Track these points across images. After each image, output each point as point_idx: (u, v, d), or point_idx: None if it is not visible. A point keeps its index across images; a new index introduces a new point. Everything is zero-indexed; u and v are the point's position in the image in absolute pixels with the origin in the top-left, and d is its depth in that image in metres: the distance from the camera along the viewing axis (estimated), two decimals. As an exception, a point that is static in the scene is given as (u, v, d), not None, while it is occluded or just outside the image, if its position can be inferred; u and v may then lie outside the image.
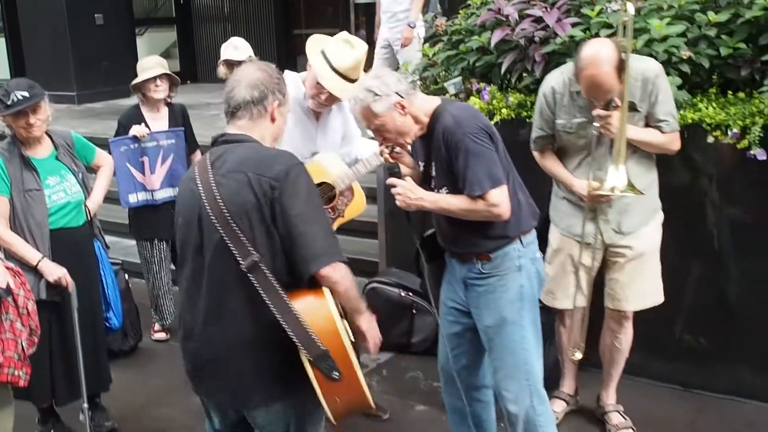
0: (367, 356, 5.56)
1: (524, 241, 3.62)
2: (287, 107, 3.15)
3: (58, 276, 4.33)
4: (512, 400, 3.69)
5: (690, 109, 4.52)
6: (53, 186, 4.43)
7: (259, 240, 2.86)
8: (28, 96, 4.32)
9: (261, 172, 2.86)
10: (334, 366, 2.80)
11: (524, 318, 3.63)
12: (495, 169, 3.41)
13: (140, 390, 5.34)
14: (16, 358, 3.97)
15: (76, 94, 12.52)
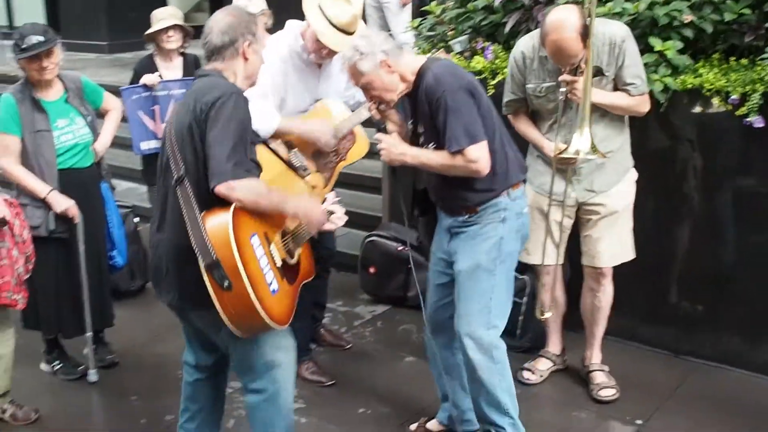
0: (363, 307, 5.75)
1: (511, 194, 3.72)
2: (261, 45, 3.42)
3: (65, 207, 4.50)
4: (471, 347, 3.74)
5: (690, 74, 4.55)
6: (62, 128, 4.58)
7: (189, 158, 3.22)
8: (43, 40, 4.45)
9: (199, 98, 3.20)
10: (225, 275, 3.07)
11: (497, 269, 3.71)
12: (473, 126, 3.50)
13: (142, 327, 5.54)
14: (14, 282, 4.21)
15: (107, 44, 12.68)
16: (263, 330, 3.31)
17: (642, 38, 4.53)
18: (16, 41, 4.45)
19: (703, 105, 4.55)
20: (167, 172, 3.30)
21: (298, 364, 4.69)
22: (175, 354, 4.87)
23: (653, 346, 5.05)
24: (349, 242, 6.35)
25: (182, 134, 3.23)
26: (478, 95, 3.57)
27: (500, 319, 3.79)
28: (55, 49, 4.54)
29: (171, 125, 3.31)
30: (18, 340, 5.11)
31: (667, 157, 4.74)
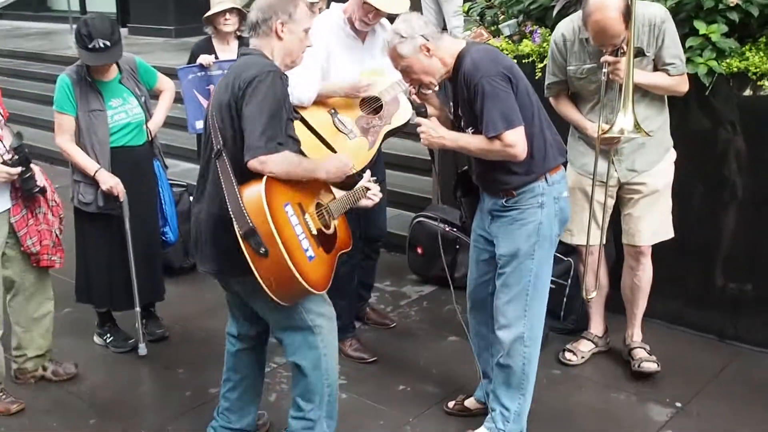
0: (410, 287, 5.83)
1: (549, 179, 3.76)
2: (299, 25, 3.54)
3: (111, 185, 4.65)
4: (505, 326, 3.85)
5: (737, 58, 4.52)
6: (116, 107, 4.73)
7: (227, 133, 3.39)
8: (110, 45, 4.56)
9: (238, 76, 3.37)
10: (261, 242, 3.23)
11: (536, 253, 3.77)
12: (510, 111, 3.54)
13: (193, 303, 5.70)
14: (51, 245, 4.49)
15: (174, 28, 12.95)
16: (302, 295, 3.44)
17: (687, 21, 4.53)
18: (83, 35, 4.55)
19: (749, 88, 4.52)
20: (208, 146, 3.48)
21: (342, 341, 4.83)
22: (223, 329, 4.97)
23: (699, 330, 5.03)
24: (399, 223, 6.44)
25: (221, 110, 3.39)
26: (515, 80, 3.61)
27: (538, 301, 3.86)
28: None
29: (212, 101, 3.49)
30: (72, 313, 5.38)
31: (711, 140, 4.71)
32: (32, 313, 4.60)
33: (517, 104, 3.58)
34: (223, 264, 3.50)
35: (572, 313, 5.07)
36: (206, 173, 3.52)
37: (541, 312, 3.91)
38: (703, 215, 4.87)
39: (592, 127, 4.28)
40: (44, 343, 4.71)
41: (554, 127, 3.86)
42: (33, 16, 16.17)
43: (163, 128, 5.22)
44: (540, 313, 3.90)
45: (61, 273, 5.49)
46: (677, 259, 4.91)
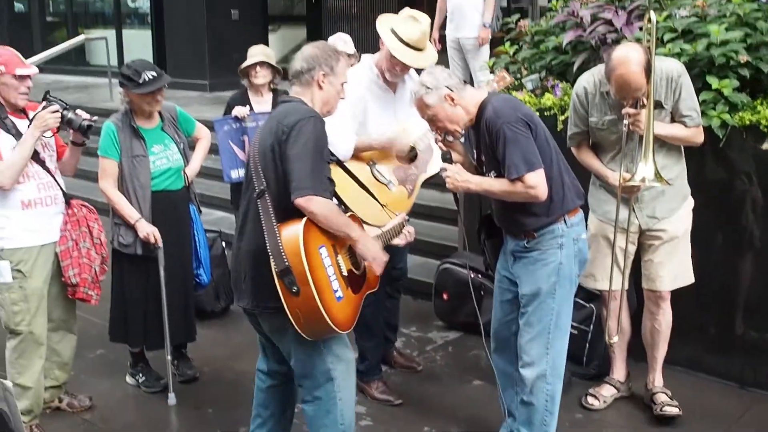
0: (436, 333, 5.96)
1: (568, 221, 3.94)
2: (338, 78, 3.76)
3: (147, 232, 4.84)
4: (529, 364, 4.01)
5: (749, 111, 4.69)
6: (157, 153, 4.95)
7: (270, 174, 3.56)
8: (157, 76, 4.84)
9: (281, 121, 3.57)
10: (294, 281, 3.40)
11: (557, 293, 3.95)
12: (530, 154, 3.74)
13: (224, 345, 5.85)
14: (90, 280, 4.68)
15: (208, 82, 13.29)
16: (327, 334, 3.59)
17: (700, 77, 4.73)
18: (130, 76, 4.80)
19: (761, 140, 4.68)
20: (250, 187, 3.65)
21: (368, 383, 4.98)
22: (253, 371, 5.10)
23: (719, 376, 5.12)
24: (425, 270, 6.58)
25: (264, 153, 3.57)
26: (534, 126, 3.81)
27: (560, 339, 4.02)
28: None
29: (255, 145, 3.66)
30: (105, 354, 5.57)
31: (727, 189, 4.88)
32: (54, 343, 4.76)
33: (536, 148, 3.77)
34: (257, 299, 3.65)
35: (595, 358, 5.18)
36: (248, 212, 3.67)
37: (563, 350, 4.05)
38: (722, 263, 5.00)
39: (612, 175, 4.44)
40: (62, 375, 4.87)
41: (572, 172, 4.05)
42: (72, 70, 16.59)
43: (198, 178, 5.43)
44: (562, 351, 4.04)
45: (95, 315, 5.72)
46: (698, 306, 5.04)
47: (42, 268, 4.53)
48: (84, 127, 4.52)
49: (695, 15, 4.99)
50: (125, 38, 16.31)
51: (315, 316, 3.45)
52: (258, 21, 14.11)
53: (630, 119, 4.23)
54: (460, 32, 8.74)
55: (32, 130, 4.36)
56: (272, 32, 14.96)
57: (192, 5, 13.49)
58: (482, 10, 8.50)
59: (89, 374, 5.40)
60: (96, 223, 4.73)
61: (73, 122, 4.51)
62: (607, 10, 5.35)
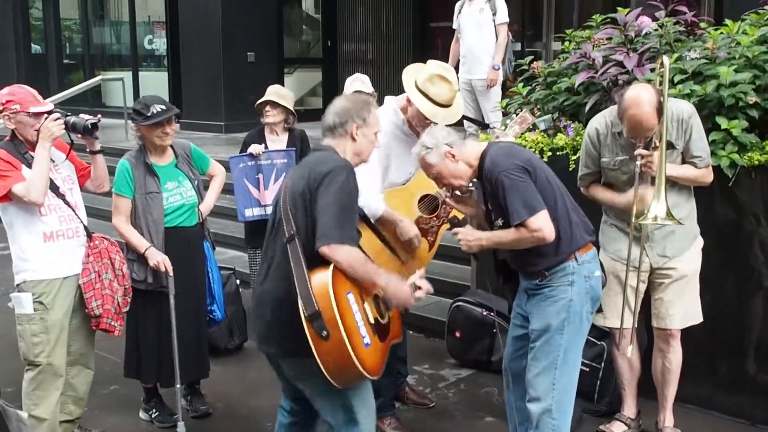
0: (448, 370, 5.99)
1: (579, 258, 4.00)
2: (371, 129, 3.86)
3: (157, 260, 4.89)
4: (535, 398, 4.04)
5: (757, 151, 4.75)
6: (171, 190, 5.02)
7: (300, 220, 3.59)
8: (165, 108, 4.94)
9: (313, 168, 3.61)
10: (324, 326, 3.39)
11: (566, 329, 3.99)
12: (530, 199, 3.83)
13: (237, 382, 5.88)
14: (113, 311, 4.75)
15: (224, 123, 13.44)
16: (356, 380, 3.60)
17: (710, 117, 4.79)
18: (139, 110, 4.91)
19: (773, 180, 4.75)
20: (278, 231, 3.66)
21: (381, 419, 5.00)
22: (266, 407, 5.25)
23: (730, 414, 5.13)
24: (438, 309, 6.63)
25: (295, 198, 3.61)
26: (533, 170, 3.90)
27: (567, 376, 4.04)
28: (174, 117, 5.04)
29: (286, 189, 3.68)
30: (119, 390, 5.62)
31: (736, 229, 4.92)
32: (71, 378, 4.81)
33: (537, 192, 3.85)
34: (279, 344, 3.67)
35: (606, 395, 5.19)
36: (273, 255, 3.69)
37: (571, 386, 4.07)
38: (733, 302, 5.02)
39: (625, 195, 4.48)
40: (76, 410, 4.91)
41: (581, 209, 4.11)
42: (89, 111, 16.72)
43: (213, 217, 5.48)
44: (569, 387, 4.06)
45: (110, 352, 5.78)
46: (709, 345, 5.07)
47: (63, 300, 4.60)
48: (89, 127, 4.59)
49: (705, 57, 5.06)
50: (141, 79, 16.56)
51: (345, 362, 3.44)
52: (274, 63, 14.28)
53: (643, 160, 4.30)
54: (472, 74, 8.97)
55: (41, 142, 4.45)
56: (288, 74, 15.13)
57: (208, 47, 13.70)
58: (494, 53, 8.67)
59: (103, 410, 5.44)
60: (118, 255, 4.80)
61: (77, 125, 4.59)
62: (618, 52, 5.43)
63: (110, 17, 17.94)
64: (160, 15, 15.90)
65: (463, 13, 9.00)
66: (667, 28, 5.49)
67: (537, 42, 12.03)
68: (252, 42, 13.79)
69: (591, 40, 5.80)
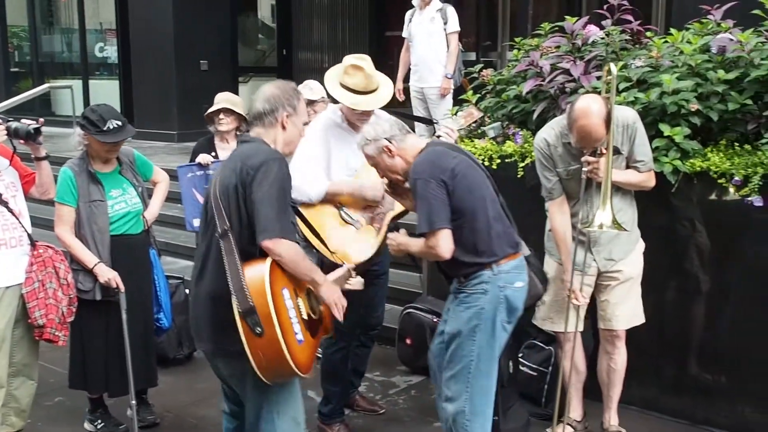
0: (399, 377, 6.01)
1: (496, 269, 4.02)
2: (300, 118, 3.78)
3: (108, 278, 4.83)
4: (449, 398, 4.12)
5: (700, 158, 4.83)
6: (116, 197, 4.96)
7: (233, 215, 3.54)
8: (121, 125, 4.85)
9: (244, 162, 3.56)
10: (258, 322, 3.36)
11: (477, 336, 4.03)
12: (433, 213, 3.88)
13: (185, 392, 5.84)
14: (57, 321, 4.67)
15: (176, 133, 13.32)
16: (288, 377, 3.59)
17: (653, 125, 4.87)
18: (94, 121, 4.78)
19: (711, 187, 4.83)
20: (211, 227, 3.61)
21: (330, 425, 5.04)
22: (215, 417, 5.21)
23: (673, 415, 5.22)
24: (389, 316, 6.55)
25: (228, 193, 3.55)
26: (453, 182, 3.91)
27: (481, 380, 4.08)
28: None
29: (216, 185, 3.62)
30: (64, 402, 5.56)
31: (676, 234, 5.01)
32: (13, 389, 4.73)
33: (447, 207, 3.89)
34: (216, 342, 3.64)
35: (552, 399, 5.20)
36: (208, 253, 3.63)
37: (485, 390, 4.11)
38: (676, 306, 5.11)
39: (567, 276, 4.60)
40: (18, 422, 4.83)
41: (506, 219, 4.13)
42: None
43: (162, 227, 5.41)
44: (484, 390, 4.10)
45: (55, 363, 5.71)
46: (653, 348, 5.16)
47: (6, 310, 4.54)
48: (32, 132, 4.52)
49: (649, 65, 5.15)
50: (92, 87, 16.35)
51: (277, 358, 3.42)
52: (228, 71, 14.20)
53: (589, 167, 4.36)
54: (423, 83, 9.00)
55: None
56: (243, 83, 15.06)
57: (160, 55, 13.59)
58: (445, 62, 8.72)
59: (47, 421, 5.37)
60: (63, 264, 4.74)
61: (20, 130, 4.52)
62: (566, 60, 5.50)
63: (60, 24, 17.69)
64: (111, 22, 15.74)
65: (413, 21, 9.00)
66: (614, 36, 5.57)
67: (492, 52, 12.11)
68: (205, 50, 13.69)
69: (539, 48, 5.88)
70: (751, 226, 4.78)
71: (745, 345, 4.90)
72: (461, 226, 3.94)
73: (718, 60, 5.05)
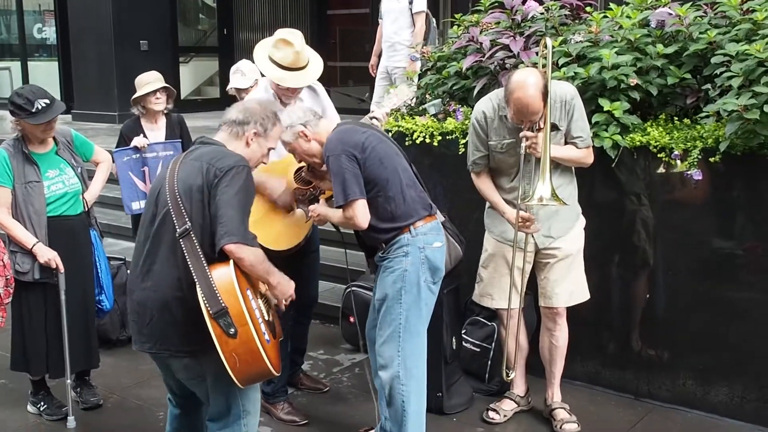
0: (343, 355, 6.01)
1: (414, 231, 4.17)
2: (268, 142, 3.77)
3: (48, 258, 4.77)
4: (383, 366, 4.25)
5: (639, 133, 4.88)
6: (52, 178, 4.88)
7: (195, 215, 3.46)
8: (50, 103, 4.75)
9: (212, 163, 3.50)
10: (231, 323, 3.30)
11: (403, 298, 4.16)
12: (347, 186, 4.03)
13: (128, 373, 5.77)
14: None
15: (117, 114, 13.12)
16: (261, 377, 3.55)
17: (593, 100, 4.90)
18: (22, 105, 4.69)
19: (651, 161, 4.87)
20: (160, 225, 3.51)
21: (274, 405, 5.02)
22: (158, 398, 5.18)
23: (616, 389, 5.29)
24: (333, 295, 6.64)
25: (191, 192, 3.47)
26: (363, 155, 4.07)
27: (411, 342, 4.20)
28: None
29: (173, 181, 3.51)
30: (6, 384, 5.47)
31: (618, 209, 5.05)
32: None
33: (360, 179, 4.03)
34: (168, 342, 3.55)
35: (496, 375, 5.26)
36: (155, 251, 3.53)
37: (416, 352, 4.23)
38: (618, 281, 5.17)
39: (509, 211, 4.58)
40: None
41: (419, 185, 4.28)
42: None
43: (103, 208, 5.33)
44: (414, 352, 4.22)
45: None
46: (595, 323, 5.22)
47: None
48: None
49: (589, 40, 5.17)
50: (31, 70, 16.07)
51: (253, 359, 3.36)
52: (168, 52, 14.05)
53: (527, 142, 4.36)
54: (389, 62, 9.01)
55: None
56: (183, 63, 14.91)
57: (99, 36, 13.39)
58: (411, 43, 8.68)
59: (-12, 405, 5.29)
60: None
61: None
62: (505, 35, 5.51)
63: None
64: (50, 3, 15.46)
65: (383, 0, 9.01)
66: (553, 12, 5.59)
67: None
68: (145, 30, 13.53)
69: (479, 24, 5.88)
70: (690, 199, 4.84)
71: (685, 319, 4.97)
72: (376, 196, 4.11)
73: (657, 34, 5.10)
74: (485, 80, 5.46)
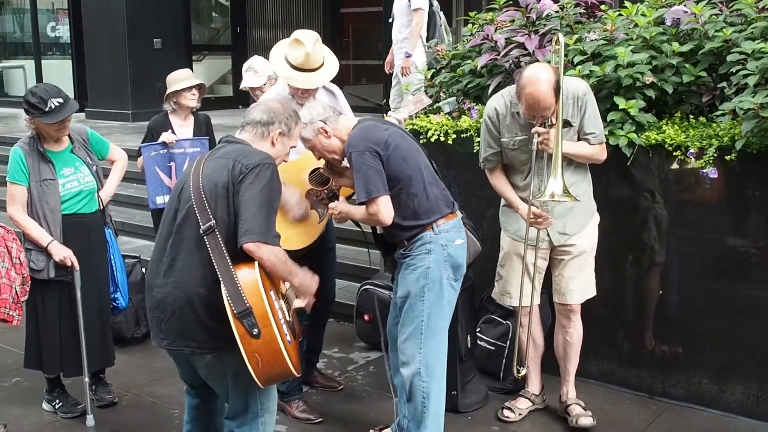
0: (358, 353, 6.02)
1: (436, 228, 4.16)
2: (290, 141, 3.77)
3: (63, 256, 4.79)
4: (405, 363, 4.24)
5: (655, 131, 4.86)
6: (68, 176, 4.90)
7: (220, 212, 3.45)
8: (63, 102, 4.77)
9: (239, 159, 3.49)
10: (255, 323, 3.28)
11: (426, 296, 4.15)
12: (370, 183, 4.02)
13: (143, 371, 5.80)
14: (11, 300, 4.63)
15: (131, 112, 13.22)
16: (282, 377, 3.55)
17: (608, 98, 4.90)
18: (35, 103, 4.71)
19: (666, 159, 4.86)
20: (185, 221, 3.50)
21: (289, 403, 5.02)
22: (173, 395, 5.20)
23: (630, 388, 5.28)
24: (348, 293, 6.64)
25: (216, 189, 3.45)
26: (386, 152, 4.06)
27: (433, 339, 4.20)
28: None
29: (198, 178, 3.50)
30: (21, 382, 5.50)
31: (633, 206, 5.03)
32: None
33: (383, 176, 4.03)
34: (189, 339, 3.52)
35: (510, 373, 5.24)
36: (178, 248, 3.51)
37: (438, 350, 4.23)
38: (632, 278, 5.15)
39: (523, 207, 4.58)
40: None
41: (442, 182, 4.29)
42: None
43: (119, 206, 5.34)
44: (437, 351, 4.22)
45: (10, 344, 5.64)
46: (609, 321, 5.21)
47: None
48: None
49: (604, 38, 5.16)
50: (45, 68, 16.15)
51: (276, 359, 3.34)
52: (182, 50, 14.09)
53: (539, 138, 4.36)
54: (397, 59, 9.05)
55: None
56: (197, 62, 14.94)
57: (113, 34, 13.45)
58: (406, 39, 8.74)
59: (4, 402, 5.31)
60: (15, 243, 4.68)
61: None
62: (520, 34, 5.50)
63: (11, 5, 17.44)
64: (63, 2, 15.54)
65: None
66: (568, 10, 5.59)
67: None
68: (159, 28, 13.60)
69: (494, 22, 5.87)
70: (704, 197, 4.83)
71: (701, 317, 4.96)
72: (399, 193, 4.09)
73: (672, 32, 5.09)
74: (500, 78, 5.45)
